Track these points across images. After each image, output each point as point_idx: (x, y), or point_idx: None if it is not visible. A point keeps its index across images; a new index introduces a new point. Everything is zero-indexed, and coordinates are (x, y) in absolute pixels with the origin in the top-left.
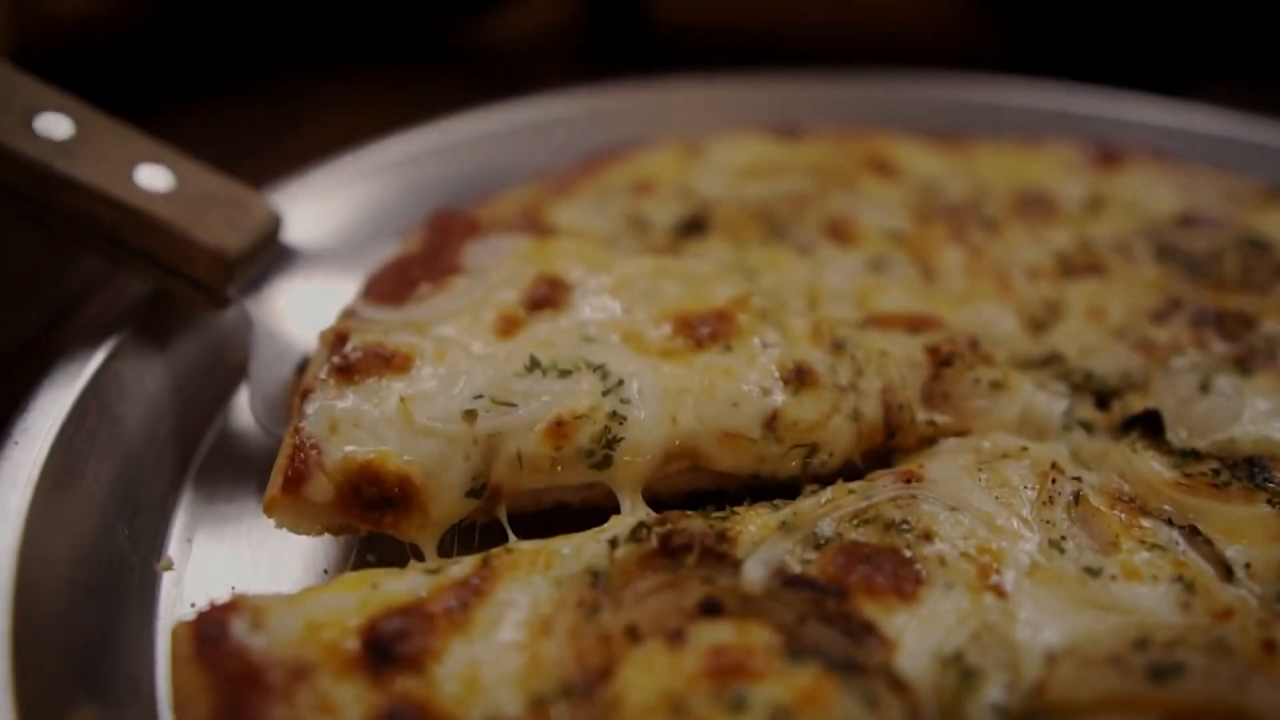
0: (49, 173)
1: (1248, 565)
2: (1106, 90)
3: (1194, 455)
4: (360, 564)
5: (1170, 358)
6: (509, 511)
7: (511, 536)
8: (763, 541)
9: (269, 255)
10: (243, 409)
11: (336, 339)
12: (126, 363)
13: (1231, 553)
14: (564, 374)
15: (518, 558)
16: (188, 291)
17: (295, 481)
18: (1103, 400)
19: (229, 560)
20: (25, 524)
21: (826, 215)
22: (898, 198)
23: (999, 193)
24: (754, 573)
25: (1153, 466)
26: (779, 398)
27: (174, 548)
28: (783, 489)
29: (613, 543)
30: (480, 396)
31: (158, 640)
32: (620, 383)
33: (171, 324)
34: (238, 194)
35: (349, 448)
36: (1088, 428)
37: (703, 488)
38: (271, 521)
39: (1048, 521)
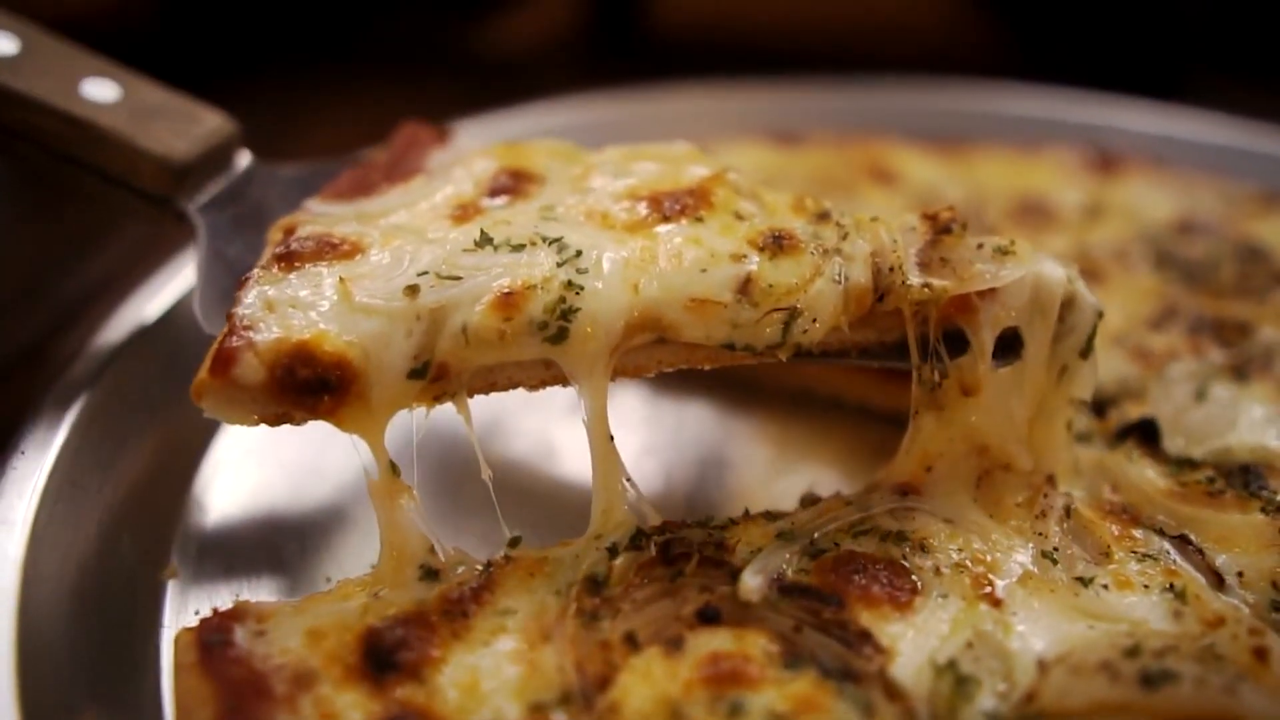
0: None
1: (1240, 574)
2: (1105, 95)
3: (1190, 464)
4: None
5: (1167, 365)
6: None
7: (472, 434)
8: (760, 550)
9: (225, 170)
10: None
11: (285, 233)
12: (132, 372)
13: (1223, 561)
14: (517, 248)
15: (517, 565)
16: (138, 205)
17: (224, 362)
18: (1099, 407)
19: (233, 568)
20: (31, 533)
21: None
22: (898, 205)
23: (998, 199)
24: (752, 581)
25: (1147, 475)
26: (754, 263)
27: (178, 555)
28: (776, 505)
29: (611, 550)
30: (425, 273)
31: (162, 648)
32: (578, 254)
33: (176, 334)
34: (188, 107)
35: (283, 328)
36: (1084, 436)
37: (674, 365)
38: (278, 528)
39: (1040, 534)
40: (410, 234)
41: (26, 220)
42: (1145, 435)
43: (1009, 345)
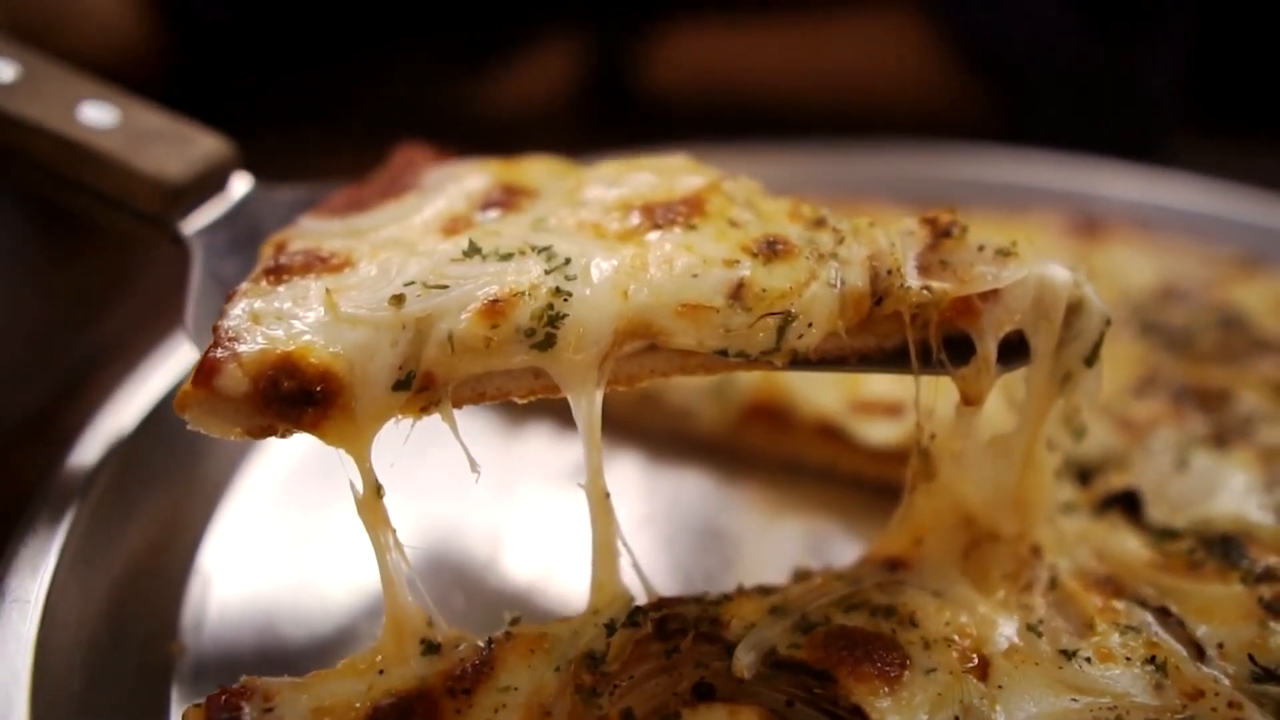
0: None
1: (1220, 645)
2: (1090, 159)
3: (1171, 534)
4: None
5: (1149, 435)
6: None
7: (463, 445)
8: (754, 625)
9: (221, 192)
10: (257, 487)
11: (275, 249)
12: (140, 445)
13: (1203, 632)
14: (505, 257)
15: (518, 642)
16: (132, 227)
17: (207, 373)
18: (1084, 476)
19: (240, 644)
20: (44, 611)
21: None
22: None
23: None
24: (745, 658)
25: (1130, 546)
26: (746, 269)
27: (185, 632)
28: (769, 577)
29: (609, 627)
30: (412, 283)
31: None
32: (566, 261)
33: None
34: (185, 131)
35: (268, 339)
36: (1069, 507)
37: (668, 374)
38: (284, 604)
39: (1025, 606)
40: (400, 247)
41: (33, 287)
42: (1128, 506)
43: (1014, 351)
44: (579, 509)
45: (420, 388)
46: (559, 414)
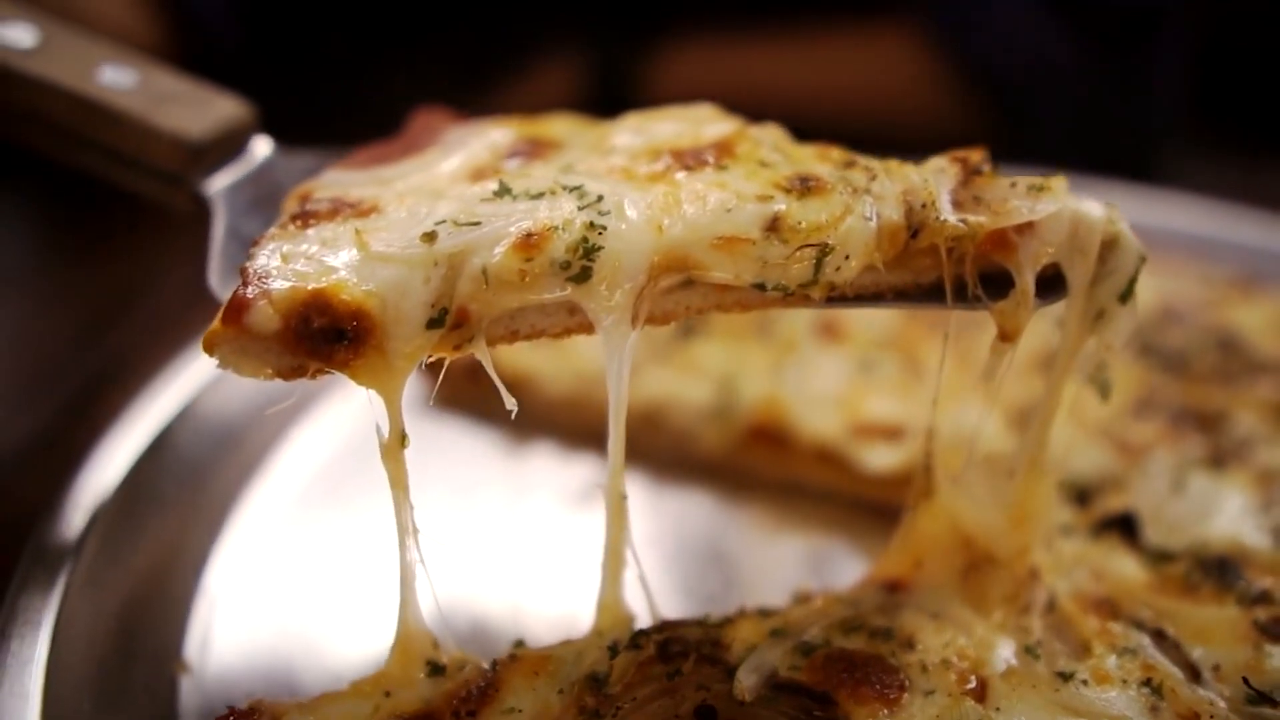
0: (8, 72)
1: (1216, 667)
2: (1086, 176)
3: (1168, 556)
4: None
5: (1147, 456)
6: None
7: (499, 383)
8: (755, 648)
9: (241, 152)
10: (264, 508)
11: (300, 200)
12: (147, 466)
13: (1199, 655)
14: (536, 196)
15: (522, 664)
16: (152, 187)
17: (237, 310)
18: (1081, 497)
19: (246, 665)
20: (54, 633)
21: (818, 313)
22: None
23: None
24: (746, 680)
25: (1127, 568)
26: (781, 204)
27: (192, 652)
28: (770, 598)
29: (612, 649)
30: (443, 222)
31: None
32: (599, 199)
33: (189, 429)
34: (204, 94)
35: (299, 277)
36: (1067, 529)
37: (703, 310)
38: (291, 625)
39: (1023, 628)
40: (427, 193)
41: (41, 308)
42: (1125, 528)
43: (1049, 286)
44: (582, 530)
45: (454, 325)
46: (564, 434)
